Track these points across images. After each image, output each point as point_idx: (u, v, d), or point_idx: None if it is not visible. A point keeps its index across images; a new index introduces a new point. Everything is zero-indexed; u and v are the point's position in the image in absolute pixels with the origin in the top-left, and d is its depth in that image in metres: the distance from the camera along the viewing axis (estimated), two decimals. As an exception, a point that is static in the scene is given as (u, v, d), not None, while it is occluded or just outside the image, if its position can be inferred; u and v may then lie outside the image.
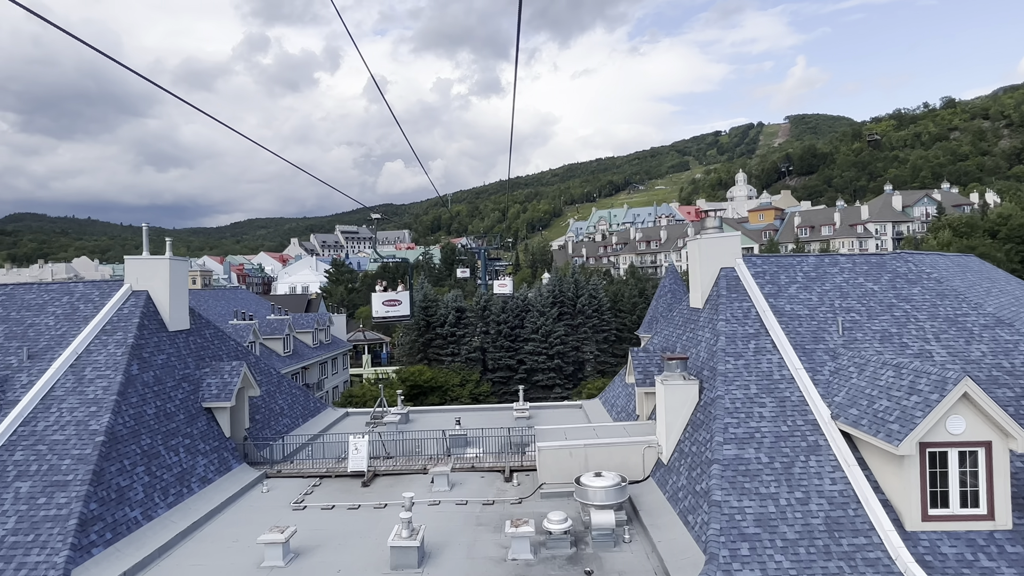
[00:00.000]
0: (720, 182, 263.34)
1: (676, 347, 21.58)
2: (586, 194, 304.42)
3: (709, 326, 19.54)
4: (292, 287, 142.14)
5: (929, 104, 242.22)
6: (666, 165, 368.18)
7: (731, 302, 19.48)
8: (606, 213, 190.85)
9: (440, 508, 17.91)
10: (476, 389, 59.57)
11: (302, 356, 52.66)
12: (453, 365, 62.07)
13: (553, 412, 29.71)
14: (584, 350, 64.45)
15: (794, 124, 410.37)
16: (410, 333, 64.83)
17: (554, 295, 65.38)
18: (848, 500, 13.53)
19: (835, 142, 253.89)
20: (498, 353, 62.57)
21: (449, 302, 64.36)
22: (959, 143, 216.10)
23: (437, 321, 64.04)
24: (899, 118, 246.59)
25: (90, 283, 22.14)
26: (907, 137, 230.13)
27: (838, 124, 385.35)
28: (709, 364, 17.98)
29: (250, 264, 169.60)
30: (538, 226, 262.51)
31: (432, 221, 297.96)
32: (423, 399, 57.45)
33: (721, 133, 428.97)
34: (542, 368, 61.85)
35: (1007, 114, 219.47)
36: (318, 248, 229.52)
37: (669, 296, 55.58)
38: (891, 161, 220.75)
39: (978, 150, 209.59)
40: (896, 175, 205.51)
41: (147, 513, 15.81)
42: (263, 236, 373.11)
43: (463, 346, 62.92)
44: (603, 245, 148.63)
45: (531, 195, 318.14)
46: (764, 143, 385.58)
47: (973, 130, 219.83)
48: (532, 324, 62.86)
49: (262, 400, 24.80)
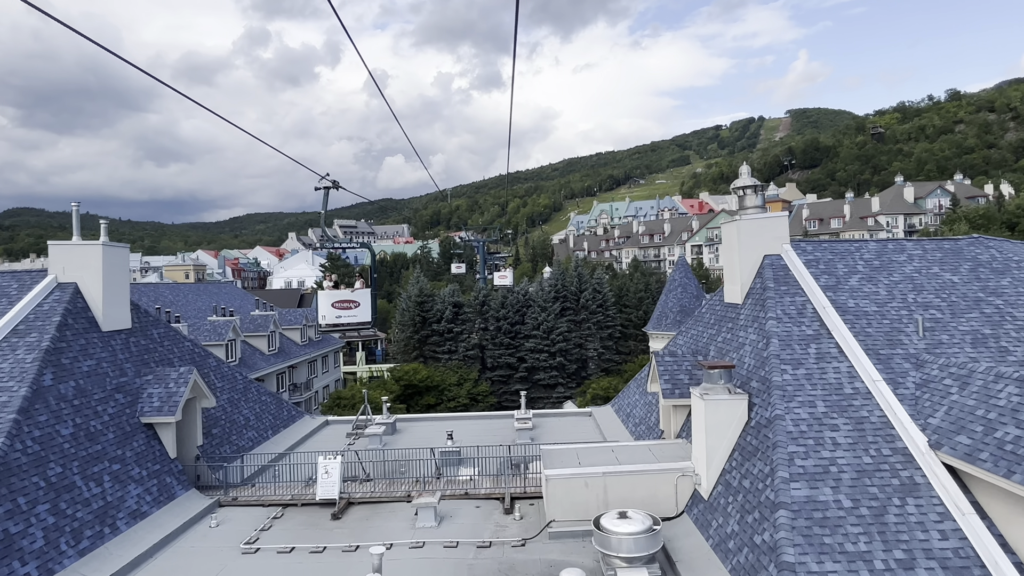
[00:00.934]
0: (722, 176, 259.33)
1: (710, 350, 17.99)
2: (586, 188, 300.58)
3: (754, 325, 15.94)
4: (288, 282, 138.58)
5: (934, 97, 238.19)
6: (666, 159, 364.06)
7: (780, 296, 15.87)
8: (608, 206, 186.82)
9: (424, 552, 14.34)
10: (474, 388, 56.08)
11: (288, 354, 49.14)
12: (450, 363, 58.54)
13: (559, 422, 26.15)
14: (588, 347, 60.92)
15: (795, 118, 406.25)
16: (405, 330, 61.26)
17: (556, 289, 61.81)
18: (968, 563, 9.95)
19: (838, 135, 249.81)
20: (497, 351, 59.04)
21: (446, 297, 60.80)
22: (964, 136, 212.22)
23: (433, 317, 60.47)
24: (903, 111, 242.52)
25: (9, 274, 18.51)
26: (911, 130, 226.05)
27: (839, 118, 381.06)
28: (759, 374, 14.38)
29: (246, 258, 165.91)
30: (538, 220, 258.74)
31: (431, 216, 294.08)
32: (418, 399, 53.92)
33: (722, 127, 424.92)
34: (544, 366, 58.33)
35: (1013, 107, 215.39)
36: (316, 242, 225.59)
37: (680, 291, 51.92)
38: (895, 154, 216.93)
39: (984, 143, 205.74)
40: (901, 168, 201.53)
41: (47, 567, 12.23)
42: (262, 231, 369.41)
43: (461, 343, 59.39)
44: (605, 239, 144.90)
45: (531, 189, 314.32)
46: (765, 137, 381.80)
47: (979, 123, 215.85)
48: (533, 320, 59.31)
49: (222, 411, 21.23)
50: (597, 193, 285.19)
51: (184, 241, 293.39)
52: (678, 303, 49.93)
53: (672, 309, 49.96)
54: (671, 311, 49.95)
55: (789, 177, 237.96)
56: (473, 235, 79.16)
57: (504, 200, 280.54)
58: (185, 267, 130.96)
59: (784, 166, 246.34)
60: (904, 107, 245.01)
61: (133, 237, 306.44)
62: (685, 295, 50.12)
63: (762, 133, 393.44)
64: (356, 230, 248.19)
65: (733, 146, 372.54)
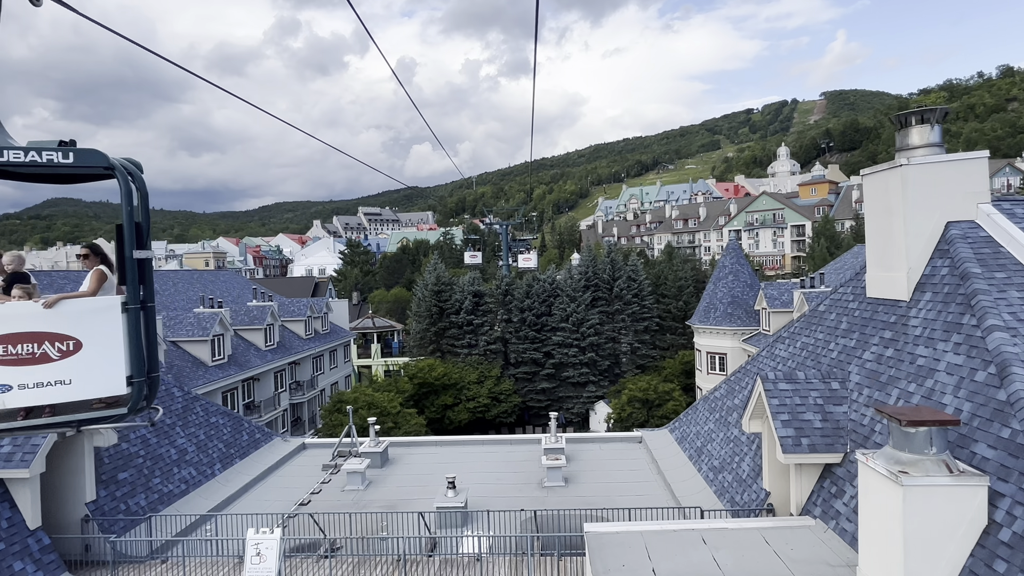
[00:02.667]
0: (755, 160, 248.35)
1: (850, 374, 11.40)
2: (614, 174, 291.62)
3: (952, 339, 9.30)
4: (308, 269, 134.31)
5: (984, 74, 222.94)
6: (696, 144, 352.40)
7: (1000, 289, 9.21)
8: (637, 191, 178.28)
9: None
10: (496, 387, 50.02)
11: (289, 349, 43.60)
12: (470, 359, 52.53)
13: (602, 453, 19.75)
14: (621, 341, 54.31)
15: (831, 100, 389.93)
16: (421, 321, 55.39)
17: (587, 277, 55.19)
18: None
19: (879, 116, 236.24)
20: (522, 345, 52.80)
21: (465, 286, 54.65)
22: (1018, 114, 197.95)
23: (451, 308, 54.42)
24: (950, 89, 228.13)
25: None
26: (959, 109, 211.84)
27: (877, 100, 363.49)
28: (992, 431, 7.82)
29: (268, 246, 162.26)
30: (564, 207, 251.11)
31: (456, 203, 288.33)
32: (433, 399, 48.06)
33: (753, 111, 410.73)
34: (573, 362, 51.92)
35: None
36: (340, 230, 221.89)
37: (731, 279, 44.83)
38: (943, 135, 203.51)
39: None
40: (948, 150, 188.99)
41: None
42: (289, 219, 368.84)
43: (481, 337, 53.29)
44: (636, 224, 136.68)
45: (557, 176, 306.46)
46: (799, 120, 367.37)
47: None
48: (561, 311, 52.87)
49: (142, 443, 15.37)
50: (625, 179, 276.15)
51: (213, 229, 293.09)
52: (729, 293, 42.99)
53: (722, 300, 43.06)
54: (721, 302, 43.05)
55: (827, 160, 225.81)
56: (496, 220, 72.80)
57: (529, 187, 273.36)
58: (205, 255, 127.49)
59: (821, 149, 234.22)
60: (951, 85, 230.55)
61: (164, 226, 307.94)
62: (737, 284, 43.14)
63: (795, 116, 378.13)
64: (380, 217, 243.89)
65: (765, 130, 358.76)
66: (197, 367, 33.82)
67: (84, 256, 5.97)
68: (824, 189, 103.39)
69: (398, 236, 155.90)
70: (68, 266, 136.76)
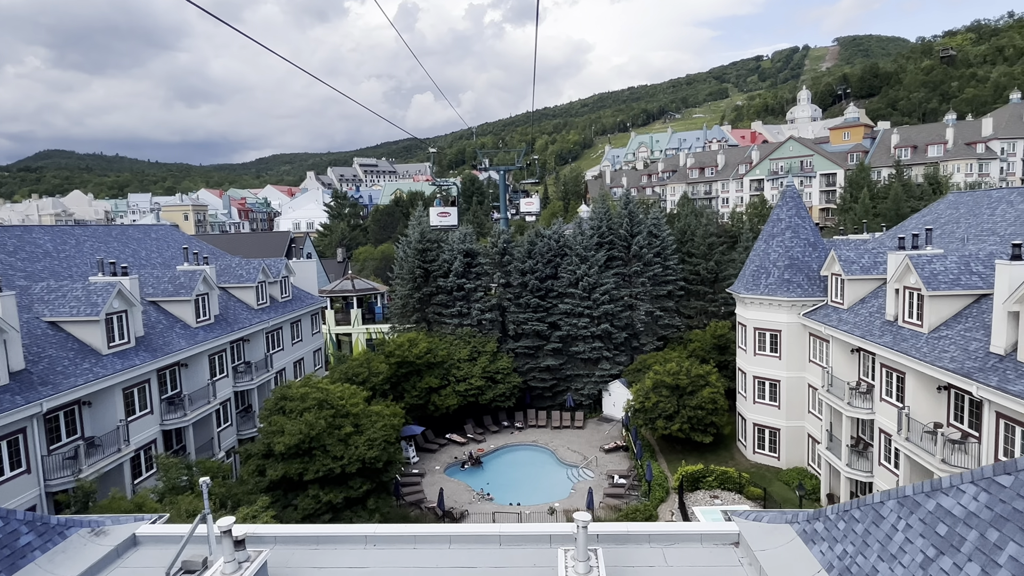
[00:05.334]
0: (767, 107, 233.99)
1: None
2: (619, 123, 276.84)
3: None
4: (296, 223, 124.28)
5: (1015, 13, 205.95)
6: (703, 93, 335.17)
7: None
8: (647, 138, 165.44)
9: None
10: (492, 365, 41.03)
11: (233, 323, 34.35)
12: (461, 331, 43.40)
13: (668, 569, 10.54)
14: (640, 309, 45.00)
15: (844, 47, 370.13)
16: (404, 285, 46.02)
17: (600, 234, 45.47)
18: None
19: (900, 60, 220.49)
20: (522, 314, 43.56)
21: (455, 244, 44.98)
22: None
23: (439, 270, 44.95)
24: (977, 30, 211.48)
25: None
26: (988, 52, 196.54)
27: (893, 45, 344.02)
28: None
29: (254, 198, 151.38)
30: (568, 157, 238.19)
31: (456, 154, 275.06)
32: (415, 381, 39.10)
33: (763, 58, 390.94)
34: (583, 335, 42.77)
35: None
36: (335, 182, 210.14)
37: (789, 235, 34.77)
38: (968, 79, 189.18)
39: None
40: (975, 95, 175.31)
41: None
42: (286, 172, 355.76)
43: (474, 304, 44.00)
44: (647, 174, 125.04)
45: (560, 126, 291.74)
46: (810, 67, 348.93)
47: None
48: (570, 274, 43.40)
49: None
50: (630, 128, 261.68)
51: (206, 182, 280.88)
52: (786, 254, 33.25)
53: (777, 263, 33.38)
54: (776, 265, 33.38)
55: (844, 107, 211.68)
56: (492, 166, 62.38)
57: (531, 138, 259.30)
58: (183, 207, 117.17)
59: (838, 96, 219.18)
60: (979, 26, 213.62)
61: (155, 178, 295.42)
62: (797, 242, 33.35)
63: (807, 64, 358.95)
64: (377, 169, 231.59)
65: (775, 78, 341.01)
66: (84, 357, 24.65)
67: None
68: (859, 133, 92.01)
69: (392, 188, 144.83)
70: (40, 220, 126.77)
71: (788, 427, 33.04)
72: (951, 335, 22.21)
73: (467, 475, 35.47)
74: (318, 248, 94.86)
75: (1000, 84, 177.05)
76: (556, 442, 39.05)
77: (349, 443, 26.31)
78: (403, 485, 33.35)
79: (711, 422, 34.33)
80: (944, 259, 23.80)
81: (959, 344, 21.34)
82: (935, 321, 23.14)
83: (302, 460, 25.67)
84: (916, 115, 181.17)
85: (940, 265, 23.53)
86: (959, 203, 31.38)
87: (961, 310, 22.94)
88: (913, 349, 22.90)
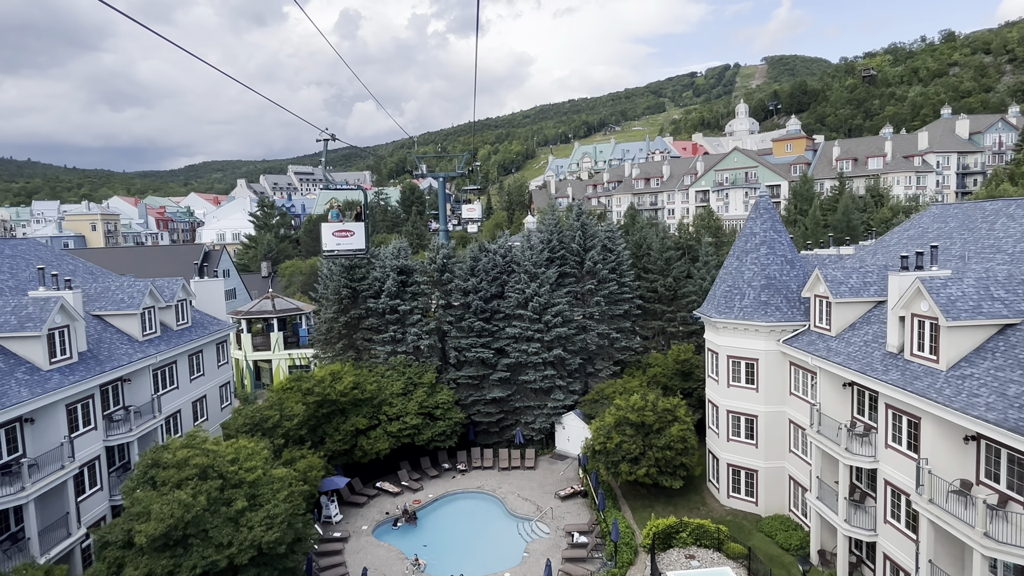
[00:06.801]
0: (703, 121, 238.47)
1: None
2: (561, 135, 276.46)
3: None
4: (221, 233, 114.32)
5: (927, 38, 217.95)
6: (641, 107, 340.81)
7: None
8: (591, 148, 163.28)
9: None
10: (430, 399, 35.34)
11: (105, 361, 27.37)
12: (395, 359, 37.53)
13: None
14: (594, 330, 40.38)
15: (771, 66, 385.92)
16: (328, 307, 39.72)
17: (550, 248, 40.71)
18: None
19: (826, 79, 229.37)
20: (465, 339, 38.11)
21: (387, 260, 39.11)
22: (959, 79, 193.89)
23: (369, 289, 38.96)
24: (894, 52, 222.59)
25: None
26: (904, 73, 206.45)
27: (816, 65, 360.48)
28: None
29: (176, 207, 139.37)
30: (511, 168, 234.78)
31: (397, 163, 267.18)
32: (339, 424, 32.95)
33: (697, 74, 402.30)
34: (534, 362, 37.71)
35: (1010, 48, 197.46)
36: (268, 190, 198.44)
37: (764, 251, 30.00)
38: (888, 98, 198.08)
39: (981, 86, 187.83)
40: (895, 113, 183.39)
41: None
42: (217, 179, 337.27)
43: (410, 328, 38.21)
44: (592, 184, 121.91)
45: (502, 136, 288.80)
46: (741, 84, 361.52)
47: (974, 65, 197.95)
48: (518, 294, 38.32)
49: None
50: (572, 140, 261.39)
51: (127, 189, 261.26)
52: (762, 272, 29.24)
53: (752, 282, 29.33)
54: (751, 285, 29.32)
55: (775, 122, 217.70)
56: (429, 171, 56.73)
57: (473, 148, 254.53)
58: (91, 217, 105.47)
59: (769, 111, 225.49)
60: (896, 48, 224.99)
61: (70, 185, 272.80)
62: (774, 259, 29.40)
63: (738, 80, 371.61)
64: (313, 177, 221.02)
65: (709, 93, 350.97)
66: None
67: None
68: (801, 145, 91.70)
69: (326, 197, 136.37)
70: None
71: (767, 468, 28.95)
72: (977, 374, 18.39)
73: (400, 536, 29.62)
74: (242, 262, 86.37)
75: (916, 103, 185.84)
76: (505, 487, 33.71)
77: (241, 524, 20.13)
78: (320, 555, 27.21)
79: (681, 463, 29.86)
80: (960, 282, 20.09)
81: (993, 387, 17.49)
82: (954, 356, 19.32)
83: (174, 552, 19.30)
84: (843, 130, 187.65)
85: (957, 289, 19.79)
86: (946, 216, 28.31)
87: (984, 343, 19.22)
88: (932, 390, 18.97)
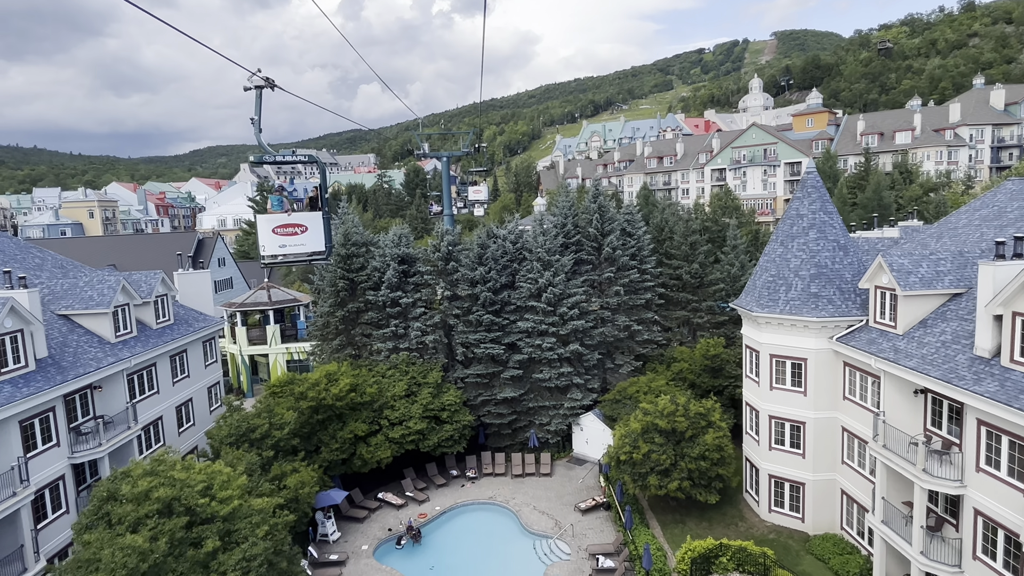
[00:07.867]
0: (712, 98, 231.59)
1: None
2: (567, 114, 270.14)
3: None
4: (222, 219, 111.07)
5: (945, 8, 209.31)
6: (648, 85, 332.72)
7: None
8: (600, 127, 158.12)
9: None
10: (436, 401, 32.01)
11: (69, 368, 24.09)
12: (396, 356, 34.16)
13: None
14: (614, 322, 36.79)
15: (781, 40, 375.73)
16: (324, 301, 36.32)
17: (565, 232, 37.01)
18: None
19: (840, 52, 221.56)
20: (473, 334, 34.64)
21: (388, 248, 35.54)
22: (980, 50, 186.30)
23: (367, 280, 35.47)
24: (911, 24, 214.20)
25: None
26: (921, 45, 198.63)
27: (827, 40, 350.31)
28: None
29: (177, 193, 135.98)
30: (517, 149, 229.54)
31: (401, 145, 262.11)
32: (336, 430, 29.69)
33: (705, 51, 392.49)
34: (549, 359, 34.24)
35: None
36: (272, 174, 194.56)
37: (813, 234, 25.40)
38: (905, 71, 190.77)
39: (1003, 57, 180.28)
40: (912, 86, 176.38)
41: None
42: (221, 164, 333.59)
43: (413, 323, 34.75)
44: (602, 163, 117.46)
45: (508, 116, 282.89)
46: (750, 60, 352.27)
47: (995, 35, 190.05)
48: (531, 283, 34.74)
49: None
50: (578, 119, 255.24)
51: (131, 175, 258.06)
52: (811, 260, 25.45)
53: (800, 272, 25.58)
54: (799, 275, 25.55)
55: (787, 98, 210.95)
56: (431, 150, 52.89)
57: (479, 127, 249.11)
58: (88, 204, 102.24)
59: (781, 87, 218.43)
60: (912, 19, 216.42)
61: (75, 172, 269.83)
62: (824, 244, 25.56)
63: (746, 56, 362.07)
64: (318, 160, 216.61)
65: (717, 70, 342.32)
66: None
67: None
68: (823, 119, 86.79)
69: (329, 180, 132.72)
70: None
71: (816, 481, 25.48)
72: (1108, 390, 14.71)
73: (404, 557, 26.49)
74: (242, 248, 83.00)
75: (935, 76, 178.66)
76: (519, 498, 30.48)
77: (212, 569, 16.88)
78: (315, 583, 24.11)
79: (717, 474, 26.46)
80: (1077, 273, 16.29)
81: None
82: (1073, 366, 15.64)
83: (130, 606, 16.10)
84: (857, 105, 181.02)
85: (1077, 284, 16.03)
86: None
87: (1111, 350, 15.51)
88: (1047, 409, 15.33)
